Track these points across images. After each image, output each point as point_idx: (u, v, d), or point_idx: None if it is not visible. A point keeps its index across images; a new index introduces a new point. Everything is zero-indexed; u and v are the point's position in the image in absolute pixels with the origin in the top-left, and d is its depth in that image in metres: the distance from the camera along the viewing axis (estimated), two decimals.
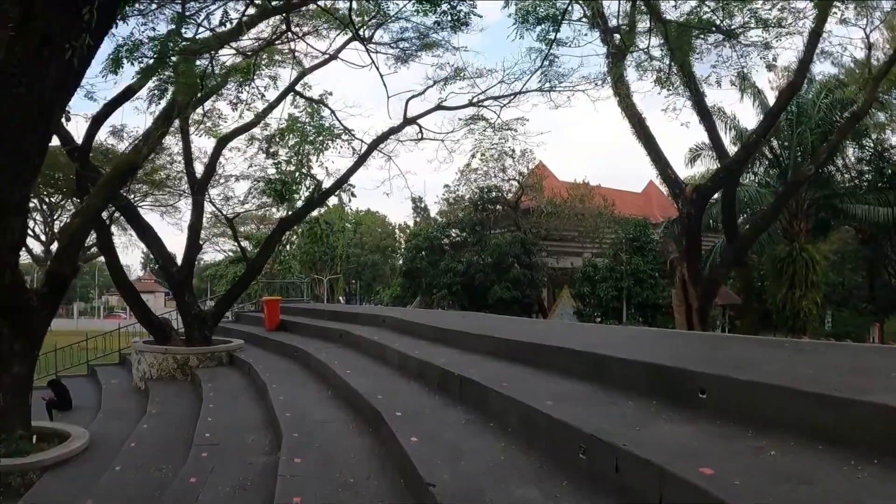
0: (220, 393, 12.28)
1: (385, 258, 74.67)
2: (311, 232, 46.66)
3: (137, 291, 17.79)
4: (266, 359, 14.98)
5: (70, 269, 10.91)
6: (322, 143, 22.98)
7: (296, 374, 12.50)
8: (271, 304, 20.08)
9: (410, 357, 10.13)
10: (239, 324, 23.40)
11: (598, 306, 40.36)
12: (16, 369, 9.88)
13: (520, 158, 45.90)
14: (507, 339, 9.67)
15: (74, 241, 11.23)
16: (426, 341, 11.96)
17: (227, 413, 10.40)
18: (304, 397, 9.99)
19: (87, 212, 11.53)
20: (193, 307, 17.25)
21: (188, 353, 16.03)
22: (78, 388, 17.80)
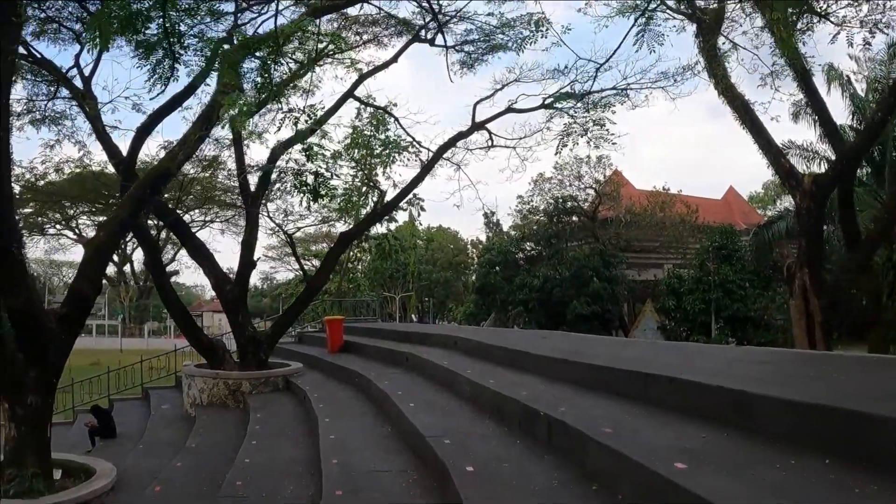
0: (267, 426, 11.01)
1: (457, 275, 73.38)
2: (380, 248, 46.22)
3: (187, 311, 16.78)
4: (324, 385, 13.68)
5: (91, 287, 9.79)
6: (388, 156, 21.88)
7: (353, 405, 11.04)
8: (334, 325, 18.69)
9: (485, 388, 8.53)
10: (302, 345, 22.11)
11: (683, 320, 37.94)
12: (30, 399, 8.85)
13: (596, 165, 44.02)
14: (602, 366, 7.98)
15: (98, 257, 10.16)
16: (503, 367, 10.34)
17: (269, 452, 9.10)
18: (357, 436, 8.50)
19: (112, 225, 10.50)
20: (247, 328, 16.06)
21: (240, 378, 14.89)
22: (128, 413, 17.27)
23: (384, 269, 51.76)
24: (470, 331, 18.35)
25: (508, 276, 44.08)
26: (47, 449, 9.21)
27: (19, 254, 8.74)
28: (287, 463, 8.41)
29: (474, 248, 73.41)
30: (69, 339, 9.52)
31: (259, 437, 10.04)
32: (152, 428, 14.45)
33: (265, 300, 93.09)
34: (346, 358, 16.38)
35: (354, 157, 22.19)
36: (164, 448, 11.86)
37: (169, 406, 16.79)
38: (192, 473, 9.34)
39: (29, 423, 8.85)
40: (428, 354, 12.67)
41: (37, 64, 14.39)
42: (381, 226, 38.23)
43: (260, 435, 10.17)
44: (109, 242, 10.33)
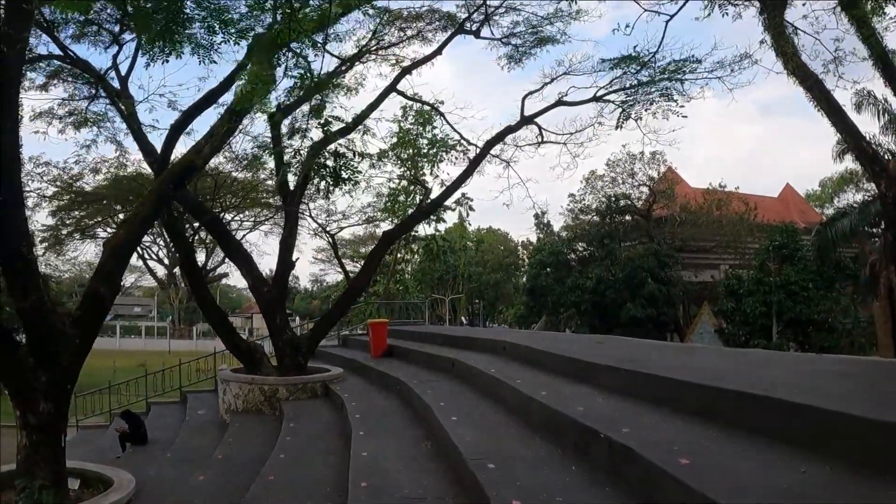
0: (299, 437, 10.34)
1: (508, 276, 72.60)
2: (428, 249, 45.45)
3: (224, 313, 16.18)
4: (363, 393, 12.96)
5: (108, 288, 9.21)
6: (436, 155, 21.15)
7: (392, 416, 10.25)
8: (377, 328, 17.91)
9: (534, 401, 7.64)
10: (345, 349, 21.45)
11: (742, 324, 36.38)
12: (42, 406, 8.34)
13: (650, 162, 42.73)
14: (670, 378, 6.98)
15: (117, 256, 9.54)
16: (555, 376, 9.44)
17: (296, 468, 8.39)
18: (393, 454, 7.68)
19: (132, 223, 9.96)
20: (286, 331, 15.38)
21: (277, 384, 14.29)
22: (164, 417, 17.16)
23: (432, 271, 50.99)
24: (519, 335, 17.43)
25: (560, 277, 43.13)
26: (61, 458, 8.72)
27: (29, 253, 8.30)
28: (313, 483, 7.67)
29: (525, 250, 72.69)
30: (84, 343, 8.99)
31: (288, 449, 9.36)
32: (184, 435, 14.04)
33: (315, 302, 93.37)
34: (389, 363, 15.62)
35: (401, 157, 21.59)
36: (192, 457, 11.36)
37: (205, 411, 16.39)
38: (213, 489, 8.74)
39: (41, 432, 8.36)
40: (474, 361, 11.82)
41: (72, 64, 14.21)
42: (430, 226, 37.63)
43: (290, 447, 9.49)
44: (129, 241, 9.72)
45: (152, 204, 9.83)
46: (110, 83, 14.13)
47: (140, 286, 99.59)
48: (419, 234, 39.63)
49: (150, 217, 9.89)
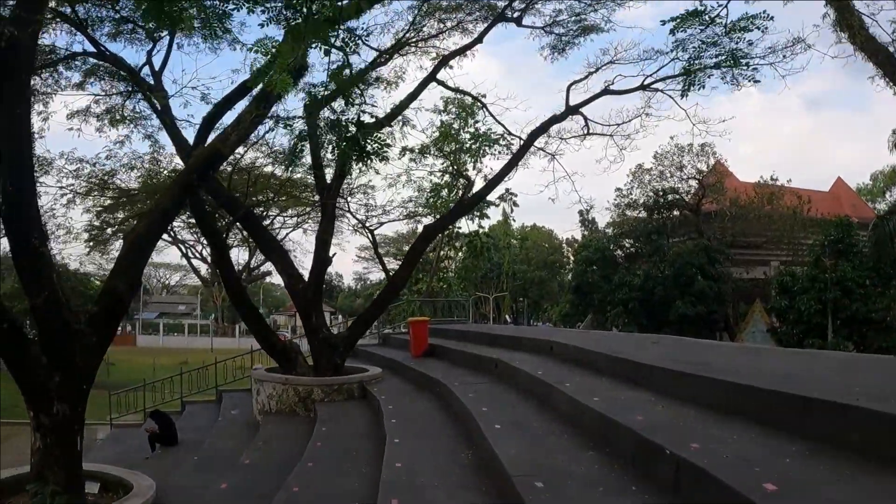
0: (331, 442, 9.73)
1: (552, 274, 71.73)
2: (472, 245, 44.74)
3: (257, 311, 15.63)
4: (401, 395, 12.31)
5: (126, 283, 8.68)
6: (479, 150, 20.52)
7: (430, 421, 9.60)
8: (418, 327, 17.27)
9: (587, 408, 6.92)
10: (386, 348, 20.82)
11: (796, 322, 34.87)
12: (56, 408, 7.84)
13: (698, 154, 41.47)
14: (745, 384, 6.16)
15: (136, 250, 8.99)
16: (608, 379, 8.70)
17: (323, 479, 7.78)
18: (429, 466, 7.04)
19: (153, 215, 9.38)
20: (322, 330, 14.76)
21: (311, 385, 13.73)
22: (198, 417, 16.90)
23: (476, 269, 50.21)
24: (567, 334, 16.63)
25: (606, 274, 42.18)
26: (77, 461, 8.23)
27: (42, 246, 7.78)
28: (340, 497, 7.04)
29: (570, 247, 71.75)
30: (101, 341, 8.47)
31: (318, 457, 8.75)
32: (214, 436, 13.64)
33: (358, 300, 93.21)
34: (430, 363, 14.96)
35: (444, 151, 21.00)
36: (219, 462, 10.83)
37: (238, 412, 15.93)
38: (233, 498, 8.26)
39: (55, 433, 7.88)
40: (520, 361, 11.11)
41: (105, 60, 13.92)
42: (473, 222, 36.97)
43: (319, 455, 8.88)
44: (149, 235, 9.15)
45: (174, 195, 9.31)
46: (143, 79, 13.88)
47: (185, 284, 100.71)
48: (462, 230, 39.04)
49: (171, 209, 9.34)
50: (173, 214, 9.85)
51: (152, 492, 8.49)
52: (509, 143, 18.04)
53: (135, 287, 9.00)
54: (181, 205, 9.52)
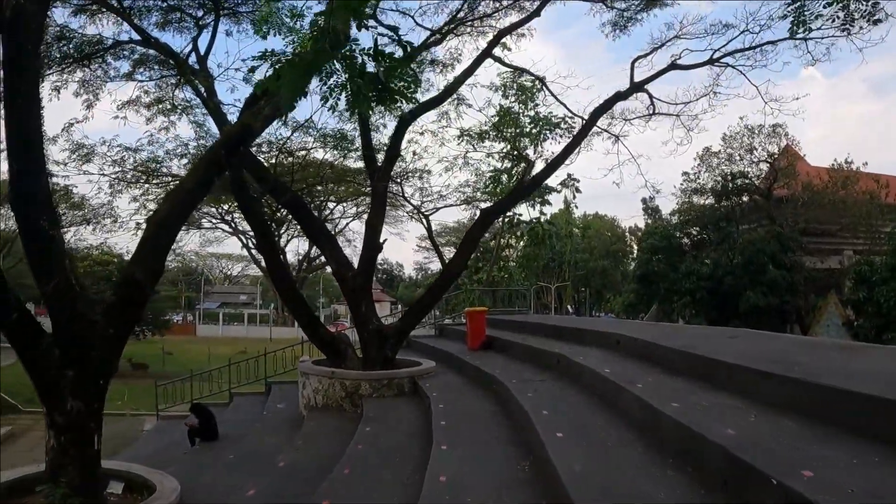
0: (373, 445, 8.83)
1: (615, 264, 70.21)
2: (533, 232, 43.58)
3: (304, 300, 14.79)
4: (454, 392, 11.32)
5: (145, 271, 7.97)
6: (539, 134, 19.56)
7: (483, 424, 8.67)
8: (475, 318, 16.32)
9: (663, 415, 5.92)
10: (442, 339, 19.90)
11: (875, 315, 32.73)
12: (70, 405, 7.27)
13: (769, 135, 39.50)
14: (863, 393, 5.02)
15: (158, 235, 8.25)
16: (685, 380, 7.64)
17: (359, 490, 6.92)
18: (479, 479, 6.14)
19: (177, 195, 8.66)
20: (372, 321, 13.90)
21: (359, 379, 12.92)
22: (244, 410, 16.52)
23: (538, 258, 48.95)
24: (634, 326, 15.43)
25: (673, 262, 40.54)
26: (93, 461, 7.65)
27: (52, 229, 7.17)
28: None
29: (633, 236, 70.12)
30: (119, 333, 7.85)
31: (357, 462, 7.91)
32: (256, 432, 13.04)
33: (419, 290, 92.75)
34: (487, 357, 13.97)
35: (504, 134, 20.03)
36: (255, 461, 10.18)
37: (285, 405, 15.33)
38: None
39: (70, 432, 7.32)
40: (584, 357, 10.10)
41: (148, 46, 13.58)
42: (534, 209, 35.83)
43: (359, 459, 8.04)
44: (173, 217, 8.44)
45: (201, 173, 8.55)
46: (180, 57, 13.53)
47: (247, 275, 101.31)
48: (523, 217, 37.90)
49: (196, 189, 8.52)
50: (199, 195, 9.04)
51: (175, 495, 7.86)
52: (571, 126, 17.07)
53: (156, 275, 8.29)
54: (208, 185, 8.68)
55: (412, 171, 21.12)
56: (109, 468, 8.58)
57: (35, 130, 7.04)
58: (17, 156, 6.85)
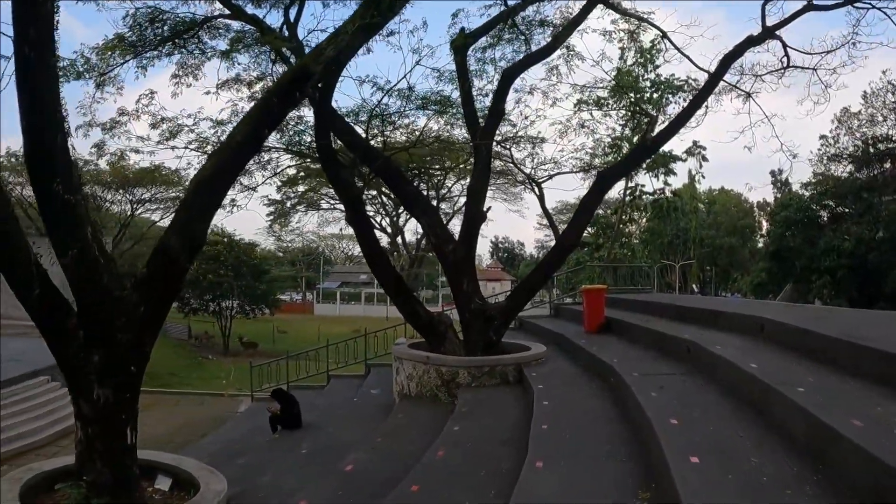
0: (457, 449, 7.34)
1: (742, 241, 66.38)
2: (657, 205, 40.92)
3: (399, 276, 13.33)
4: (564, 384, 9.60)
5: (182, 240, 6.69)
6: (661, 99, 17.63)
7: (593, 430, 6.98)
8: (593, 297, 14.48)
9: (843, 439, 4.11)
10: (557, 320, 18.13)
11: None
12: (97, 393, 6.30)
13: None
14: None
15: (200, 198, 6.94)
16: (859, 382, 5.74)
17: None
18: None
19: (224, 150, 7.27)
20: (474, 300, 12.30)
21: (457, 366, 11.37)
22: (338, 394, 15.58)
23: (662, 233, 46.14)
24: (777, 309, 13.20)
25: (809, 237, 37.15)
26: (125, 458, 6.60)
27: (68, 193, 6.03)
28: None
29: (761, 211, 66.07)
30: (152, 312, 6.65)
31: (430, 476, 6.43)
32: (342, 421, 12.08)
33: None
34: (605, 342, 12.18)
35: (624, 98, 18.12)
36: (326, 459, 9.10)
37: (379, 391, 14.16)
38: None
39: (97, 424, 6.35)
40: (721, 345, 8.19)
41: (235, 17, 12.37)
42: (658, 179, 33.39)
43: (433, 472, 6.57)
44: (218, 175, 7.04)
45: (251, 124, 7.15)
46: (263, 22, 12.29)
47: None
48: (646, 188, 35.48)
49: (246, 142, 7.09)
50: (250, 150, 7.60)
51: (218, 500, 6.83)
52: (695, 88, 14.96)
53: (195, 245, 6.95)
54: (260, 138, 7.29)
55: (523, 136, 19.28)
56: (159, 462, 7.68)
57: (46, 80, 5.96)
58: (27, 109, 5.80)
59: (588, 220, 13.44)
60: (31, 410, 17.12)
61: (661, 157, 25.10)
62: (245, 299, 39.20)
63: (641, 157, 13.51)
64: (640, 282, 25.81)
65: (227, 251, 37.62)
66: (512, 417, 8.58)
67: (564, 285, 29.41)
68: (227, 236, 38.85)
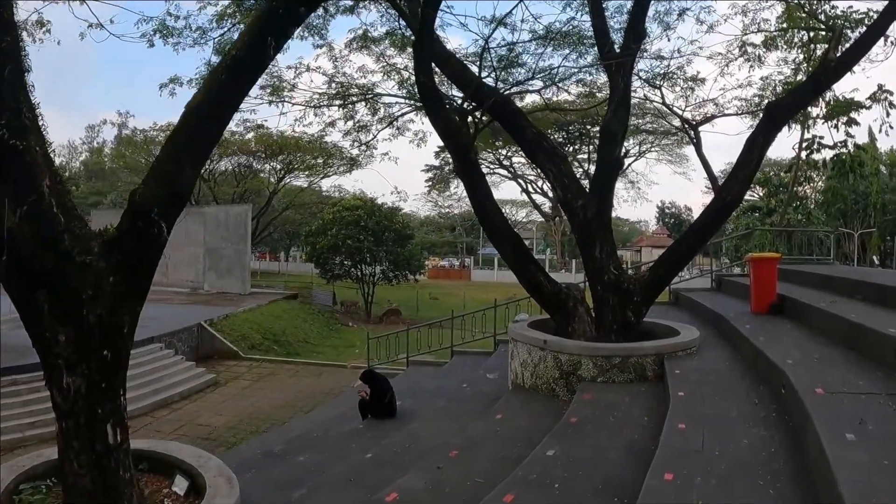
0: (533, 489, 5.06)
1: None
2: (839, 161, 35.75)
3: (518, 238, 10.94)
4: (715, 393, 6.89)
5: (157, 190, 5.06)
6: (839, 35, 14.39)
7: (747, 484, 4.29)
8: (762, 268, 11.34)
9: None
10: (721, 294, 14.99)
11: None
12: (66, 381, 4.99)
13: None
14: None
15: (184, 134, 5.18)
16: None
17: None
18: None
19: (216, 73, 5.34)
20: (608, 269, 9.74)
21: (580, 354, 8.83)
22: (452, 375, 13.53)
23: (844, 198, 40.73)
24: None
25: None
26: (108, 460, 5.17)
27: (14, 138, 4.60)
28: None
29: None
30: (128, 282, 5.08)
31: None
32: (437, 415, 10.06)
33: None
34: (776, 329, 9.17)
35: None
36: (377, 478, 6.94)
37: (496, 376, 12.02)
38: None
39: (71, 418, 5.06)
40: None
41: None
42: (838, 130, 28.68)
43: None
44: (209, 105, 5.16)
45: (251, 33, 5.20)
46: None
47: (532, 220, 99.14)
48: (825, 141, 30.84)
49: (245, 56, 5.15)
50: (250, 66, 5.38)
51: None
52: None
53: (174, 198, 5.18)
54: (263, 51, 5.15)
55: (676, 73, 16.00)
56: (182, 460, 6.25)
57: None
58: None
59: (755, 168, 10.27)
60: (135, 378, 16.40)
61: (841, 104, 21.12)
62: (388, 265, 37.97)
63: (823, 84, 10.17)
64: (816, 250, 22.06)
65: (368, 216, 36.48)
66: (632, 440, 6.05)
67: (732, 252, 26.08)
68: (368, 200, 37.77)
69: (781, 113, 9.67)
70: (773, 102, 10.19)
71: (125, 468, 5.23)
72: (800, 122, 19.49)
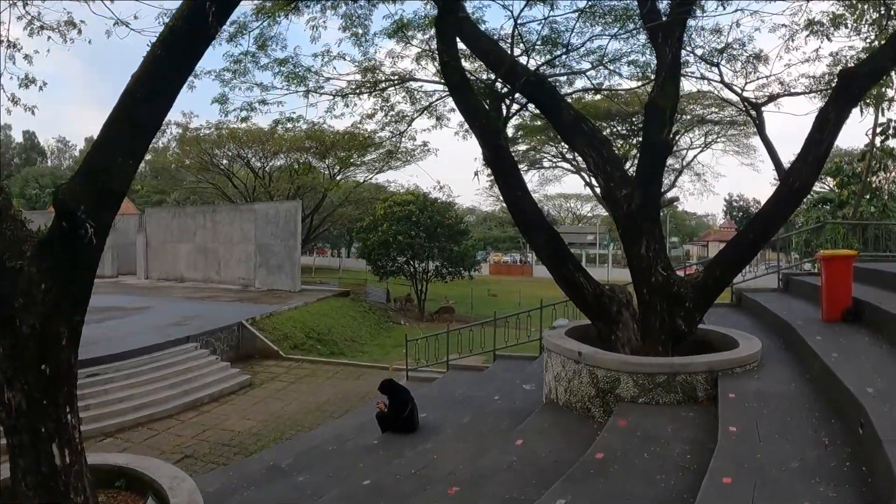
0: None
1: None
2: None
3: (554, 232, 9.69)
4: (774, 429, 5.61)
5: (85, 184, 4.37)
6: None
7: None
8: (835, 268, 9.83)
9: None
10: (787, 296, 13.35)
11: None
12: (7, 396, 4.58)
13: None
14: None
15: (119, 118, 4.42)
16: None
17: None
18: None
19: (155, 46, 4.43)
20: (656, 270, 8.48)
21: (618, 370, 7.62)
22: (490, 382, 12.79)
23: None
24: None
25: None
26: (56, 481, 4.73)
27: None
28: None
29: None
30: (62, 288, 4.51)
31: None
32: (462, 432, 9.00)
33: None
34: (852, 343, 7.80)
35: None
36: None
37: (532, 386, 10.81)
38: None
39: (16, 436, 4.66)
40: None
41: None
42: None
43: None
44: (141, 87, 4.37)
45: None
46: None
47: (598, 214, 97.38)
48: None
49: (182, 29, 4.34)
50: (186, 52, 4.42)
51: None
52: None
53: (109, 195, 4.48)
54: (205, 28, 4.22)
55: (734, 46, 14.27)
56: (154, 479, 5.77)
57: None
58: None
59: (827, 150, 8.76)
60: (165, 378, 16.09)
61: None
62: (442, 262, 36.99)
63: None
64: (893, 246, 20.06)
65: (420, 211, 35.57)
66: (666, 490, 4.84)
67: (802, 248, 24.22)
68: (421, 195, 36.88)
69: (858, 81, 8.10)
70: (847, 69, 8.63)
71: (77, 491, 4.75)
72: (873, 104, 17.62)
